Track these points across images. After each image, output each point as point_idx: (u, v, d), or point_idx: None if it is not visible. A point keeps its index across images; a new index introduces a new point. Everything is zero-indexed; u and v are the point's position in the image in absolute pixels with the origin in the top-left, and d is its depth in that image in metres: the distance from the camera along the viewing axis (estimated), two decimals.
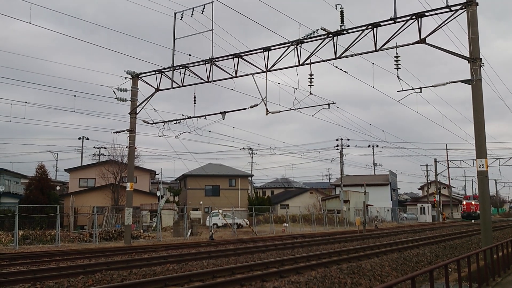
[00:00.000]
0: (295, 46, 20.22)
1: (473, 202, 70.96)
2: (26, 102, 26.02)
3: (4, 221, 32.91)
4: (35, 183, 39.47)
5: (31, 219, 31.71)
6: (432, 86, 18.57)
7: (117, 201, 42.19)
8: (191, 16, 22.47)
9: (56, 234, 26.04)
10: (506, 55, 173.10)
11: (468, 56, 16.55)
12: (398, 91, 18.79)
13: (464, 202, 75.32)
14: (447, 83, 18.12)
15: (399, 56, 17.88)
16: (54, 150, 71.03)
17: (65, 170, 52.39)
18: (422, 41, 17.36)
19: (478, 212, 65.92)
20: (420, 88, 18.59)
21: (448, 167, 72.40)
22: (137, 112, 26.85)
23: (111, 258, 16.84)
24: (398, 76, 18.05)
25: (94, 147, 74.38)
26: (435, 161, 73.16)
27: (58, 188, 47.47)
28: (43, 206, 32.99)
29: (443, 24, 17.10)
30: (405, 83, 18.43)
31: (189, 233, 33.00)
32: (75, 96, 27.30)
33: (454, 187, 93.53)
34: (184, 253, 18.08)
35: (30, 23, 19.55)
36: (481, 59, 16.43)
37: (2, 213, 34.13)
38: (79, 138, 64.90)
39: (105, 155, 58.63)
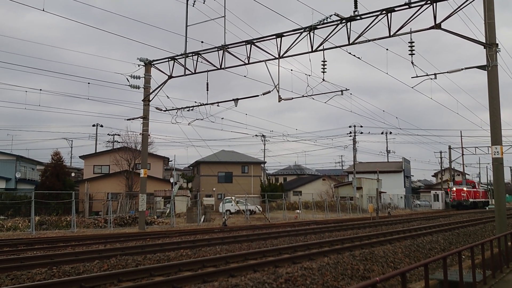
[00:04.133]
0: (308, 32, 20.08)
1: (464, 188, 60.92)
2: (40, 90, 26.27)
3: (21, 207, 33.44)
4: (51, 169, 39.94)
5: (47, 205, 32.18)
6: (447, 72, 18.36)
7: (131, 188, 42.60)
8: (203, 3, 22.41)
9: (71, 219, 26.41)
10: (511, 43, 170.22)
11: (484, 41, 16.29)
12: (412, 77, 18.64)
13: (454, 188, 62.17)
14: (462, 69, 17.90)
15: (413, 42, 17.67)
16: (68, 137, 71.80)
17: (80, 156, 52.99)
18: (437, 26, 17.11)
19: (471, 200, 59.46)
20: (435, 74, 18.39)
21: (463, 154, 71.72)
22: (150, 99, 26.97)
23: (126, 244, 17.05)
24: (412, 62, 17.86)
25: (108, 134, 74.95)
26: (449, 148, 72.47)
27: (73, 174, 48.05)
28: (59, 192, 33.44)
29: (459, 8, 16.82)
30: (419, 70, 18.27)
31: (202, 219, 33.25)
32: (88, 83, 27.57)
33: (468, 174, 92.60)
34: (197, 239, 18.23)
35: (43, 10, 19.66)
36: (497, 44, 16.18)
37: (18, 199, 34.66)
38: (93, 125, 65.52)
39: (119, 142, 59.18)
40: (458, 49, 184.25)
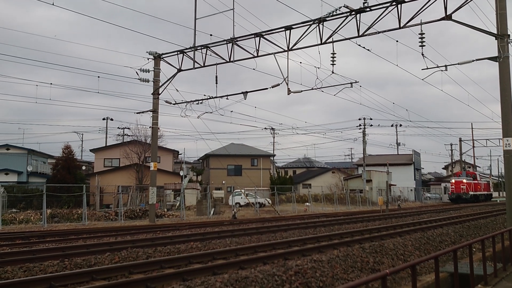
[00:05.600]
0: (317, 24, 19.97)
1: (464, 180, 54.07)
2: (51, 84, 26.47)
3: (33, 200, 33.80)
4: (62, 163, 40.28)
5: (58, 198, 32.49)
6: (458, 64, 18.22)
7: (141, 181, 42.85)
8: None
9: (82, 212, 26.64)
10: None
11: (495, 32, 16.12)
12: (422, 69, 18.52)
13: (453, 180, 55.75)
14: (473, 61, 17.75)
15: (423, 33, 17.52)
16: (79, 131, 72.28)
17: (90, 150, 53.37)
18: (448, 17, 16.94)
19: (471, 193, 54.09)
20: (445, 66, 18.25)
21: (474, 146, 71.11)
22: (160, 92, 27.04)
23: (136, 236, 17.17)
24: (422, 54, 17.73)
25: (118, 127, 75.57)
26: (460, 140, 71.89)
27: (84, 168, 48.42)
28: (70, 185, 33.71)
29: None
30: (429, 61, 18.14)
31: (212, 212, 33.37)
32: (98, 77, 27.70)
33: (479, 167, 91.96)
34: (207, 231, 18.31)
35: (53, 4, 19.68)
36: (509, 35, 16.00)
37: (30, 192, 35.02)
38: (103, 119, 65.86)
39: (129, 136, 59.52)
40: (465, 42, 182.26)
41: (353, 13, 18.96)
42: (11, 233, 18.90)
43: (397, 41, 20.54)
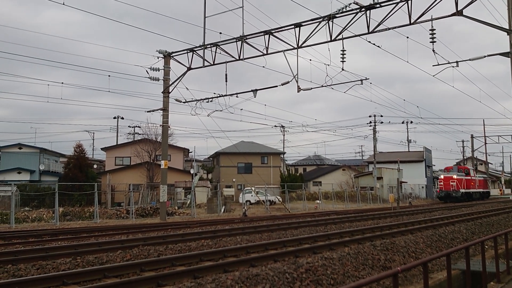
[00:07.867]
0: (326, 21, 19.91)
1: (454, 176, 48.01)
2: (62, 83, 26.69)
3: (45, 198, 34.12)
4: (74, 161, 40.56)
5: (70, 196, 32.76)
6: (469, 60, 18.08)
7: (152, 179, 43.03)
8: None
9: (94, 210, 26.85)
10: None
11: (507, 27, 15.95)
12: (433, 66, 18.39)
13: (442, 176, 50.13)
14: (485, 56, 17.61)
15: (434, 29, 17.40)
16: (90, 130, 72.81)
17: (102, 148, 53.74)
18: (459, 13, 16.81)
19: (462, 190, 47.82)
20: (457, 62, 18.12)
21: (486, 143, 70.42)
22: (170, 91, 27.12)
23: (148, 234, 17.25)
24: (433, 50, 17.60)
25: (128, 126, 75.82)
26: (472, 137, 71.26)
27: (95, 166, 48.75)
28: (82, 183, 33.97)
29: None
30: (440, 58, 18.02)
31: (222, 210, 33.44)
32: (109, 76, 27.98)
33: (491, 164, 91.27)
34: (218, 229, 18.34)
35: (64, 4, 19.83)
36: None
37: (42, 191, 35.36)
38: (114, 118, 66.26)
39: (140, 134, 59.79)
40: (471, 39, 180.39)
41: (363, 9, 18.87)
42: (24, 231, 19.09)
43: (407, 37, 20.42)
